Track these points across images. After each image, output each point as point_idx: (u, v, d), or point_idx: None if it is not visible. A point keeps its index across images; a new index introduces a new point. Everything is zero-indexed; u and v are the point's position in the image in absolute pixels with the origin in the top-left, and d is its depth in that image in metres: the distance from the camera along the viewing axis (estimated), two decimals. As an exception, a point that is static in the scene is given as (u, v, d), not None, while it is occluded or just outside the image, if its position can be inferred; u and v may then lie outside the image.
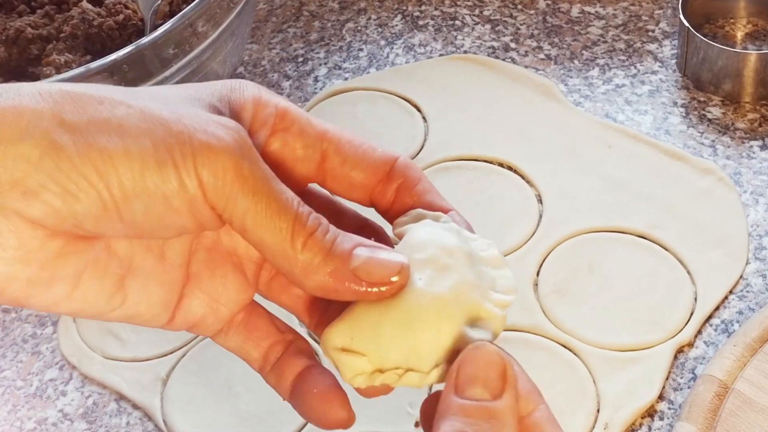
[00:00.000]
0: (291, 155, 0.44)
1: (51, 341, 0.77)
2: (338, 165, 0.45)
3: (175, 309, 0.44)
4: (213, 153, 0.37)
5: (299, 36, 1.02)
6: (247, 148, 0.39)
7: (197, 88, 0.42)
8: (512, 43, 0.97)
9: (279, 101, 0.44)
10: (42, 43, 0.86)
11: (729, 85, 0.87)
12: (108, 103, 0.37)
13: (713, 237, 0.77)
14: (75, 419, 0.72)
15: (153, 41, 0.74)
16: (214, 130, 0.38)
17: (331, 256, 0.40)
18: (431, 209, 0.45)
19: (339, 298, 0.41)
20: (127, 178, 0.37)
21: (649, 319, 0.72)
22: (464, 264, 0.42)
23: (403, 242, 0.43)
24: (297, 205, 0.40)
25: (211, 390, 0.72)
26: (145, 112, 0.38)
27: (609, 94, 0.90)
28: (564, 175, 0.83)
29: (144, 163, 0.37)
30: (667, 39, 0.95)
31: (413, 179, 0.46)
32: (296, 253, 0.39)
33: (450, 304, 0.40)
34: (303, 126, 0.44)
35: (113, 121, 0.37)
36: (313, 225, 0.40)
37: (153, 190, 0.37)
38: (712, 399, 0.65)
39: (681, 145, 0.84)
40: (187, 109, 0.39)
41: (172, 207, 0.38)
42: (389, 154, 0.46)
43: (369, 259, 0.40)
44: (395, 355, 0.41)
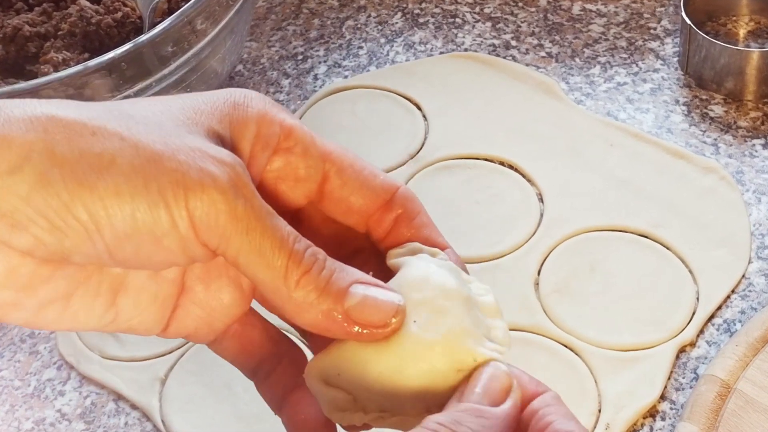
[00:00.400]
0: (292, 175, 0.43)
1: (49, 341, 0.77)
2: (338, 188, 0.44)
3: (168, 320, 0.43)
4: (206, 192, 0.37)
5: (299, 34, 1.02)
6: (242, 185, 0.38)
7: (197, 106, 0.41)
8: (513, 40, 0.97)
9: (285, 119, 0.43)
10: (40, 41, 0.86)
11: (731, 84, 0.87)
12: (101, 134, 0.36)
13: (715, 236, 0.76)
14: (73, 419, 0.72)
15: (151, 39, 0.74)
16: (209, 167, 0.37)
17: (325, 295, 0.39)
18: (428, 244, 0.45)
19: (331, 336, 0.41)
20: (117, 219, 0.36)
21: (651, 319, 0.72)
22: (461, 309, 0.41)
23: (399, 277, 0.42)
24: (292, 242, 0.39)
25: (210, 390, 0.72)
26: (139, 147, 0.37)
27: (610, 92, 0.90)
28: (565, 174, 0.83)
29: (135, 204, 0.36)
30: (668, 37, 0.95)
31: (413, 211, 0.45)
32: (289, 290, 0.39)
33: (443, 353, 0.40)
34: (307, 146, 0.43)
35: (105, 156, 0.36)
36: (308, 262, 0.39)
37: (143, 231, 0.37)
38: (714, 399, 0.65)
39: (683, 144, 0.84)
40: (183, 140, 0.38)
41: (162, 246, 0.37)
42: (391, 182, 0.45)
43: (364, 299, 0.40)
44: (381, 399, 0.40)
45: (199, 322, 0.44)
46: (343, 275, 0.40)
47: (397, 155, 0.86)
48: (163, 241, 0.37)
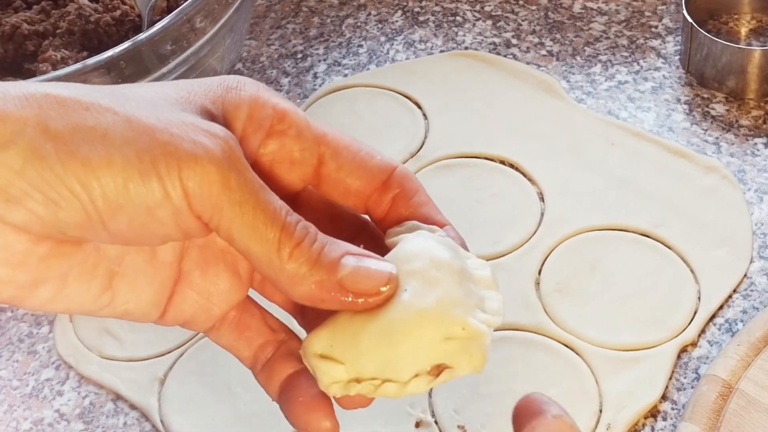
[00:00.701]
0: (287, 158, 0.44)
1: (47, 341, 0.77)
2: (334, 170, 0.44)
3: (165, 306, 0.44)
4: (199, 164, 0.37)
5: (298, 32, 1.02)
6: (235, 158, 0.38)
7: (191, 88, 0.41)
8: (514, 39, 0.97)
9: (278, 102, 0.43)
10: (38, 40, 0.86)
11: (733, 82, 0.87)
12: (94, 109, 0.37)
13: (717, 235, 0.76)
14: (71, 419, 0.72)
15: (150, 37, 0.74)
16: (202, 139, 0.38)
17: (318, 266, 0.40)
18: (427, 222, 0.45)
19: (325, 307, 0.41)
20: (109, 189, 0.36)
21: (652, 319, 0.72)
22: (453, 279, 0.41)
23: (394, 252, 0.43)
24: (285, 215, 0.39)
25: (210, 390, 0.72)
26: (132, 120, 0.37)
27: (611, 90, 0.90)
28: (566, 173, 0.83)
29: (127, 175, 0.36)
30: (670, 35, 0.95)
31: (410, 190, 0.45)
32: (282, 262, 0.39)
33: (432, 319, 0.40)
34: (301, 129, 0.44)
35: (98, 129, 0.36)
36: (300, 234, 0.40)
37: (136, 202, 0.37)
38: (715, 399, 0.65)
39: (684, 143, 0.84)
40: (176, 115, 0.39)
41: (156, 218, 0.38)
42: (387, 162, 0.45)
43: (356, 269, 0.40)
44: (372, 366, 0.40)
45: (196, 308, 0.44)
46: (335, 247, 0.40)
47: (397, 154, 0.86)
48: (157, 212, 0.38)
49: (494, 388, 0.68)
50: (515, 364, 0.70)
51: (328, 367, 0.41)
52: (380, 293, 0.40)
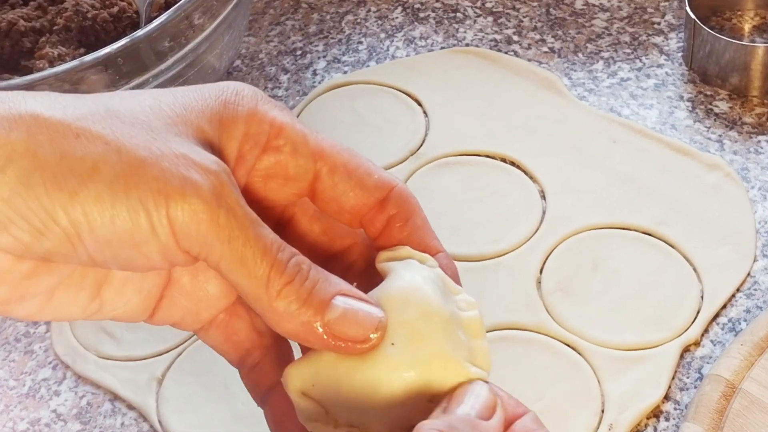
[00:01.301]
0: (282, 173, 0.43)
1: (44, 340, 0.77)
2: (329, 188, 0.44)
3: (154, 309, 0.44)
4: (187, 201, 0.37)
5: (297, 29, 1.02)
6: (226, 194, 0.38)
7: (188, 104, 0.41)
8: (515, 35, 0.97)
9: (276, 117, 0.43)
10: (35, 36, 0.86)
11: (736, 79, 0.87)
12: (84, 137, 0.36)
13: (720, 234, 0.76)
14: (68, 420, 0.72)
15: (148, 34, 0.74)
16: (192, 175, 0.37)
17: (307, 306, 0.39)
18: (421, 247, 0.45)
19: (310, 346, 0.41)
20: (96, 224, 0.36)
21: (655, 318, 0.72)
22: (441, 333, 0.41)
23: (384, 288, 0.42)
24: (276, 251, 0.39)
25: (208, 390, 0.72)
26: (122, 153, 0.37)
27: (614, 87, 0.90)
28: (568, 171, 0.83)
29: (114, 211, 0.36)
30: (673, 32, 0.95)
31: (407, 212, 0.45)
32: (270, 300, 0.39)
33: (416, 380, 0.40)
34: (297, 145, 0.43)
35: (87, 161, 0.36)
36: (291, 272, 0.39)
37: (123, 237, 0.37)
38: (718, 399, 0.65)
39: (687, 140, 0.84)
40: (170, 144, 0.38)
41: (142, 252, 0.38)
42: (385, 180, 0.45)
43: (345, 313, 0.40)
44: (351, 415, 0.40)
45: (185, 312, 0.44)
46: (326, 286, 0.40)
47: (398, 152, 0.86)
48: (143, 248, 0.37)
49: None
50: (516, 364, 0.70)
51: (307, 405, 0.41)
52: (368, 340, 0.40)
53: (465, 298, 0.43)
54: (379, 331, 0.40)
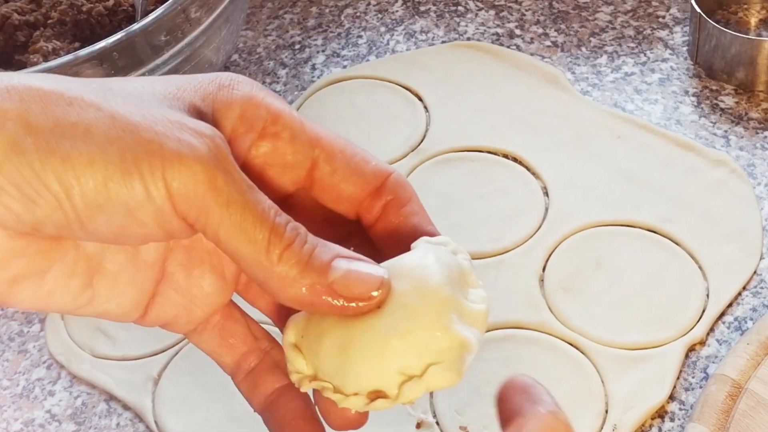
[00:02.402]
0: (280, 161, 0.43)
1: (38, 339, 0.77)
2: (327, 175, 0.44)
3: (147, 306, 0.43)
4: (184, 163, 0.37)
5: (296, 22, 1.02)
6: (222, 157, 0.38)
7: (181, 84, 0.41)
8: (517, 29, 0.97)
9: (272, 103, 0.43)
10: (29, 30, 0.86)
11: (742, 74, 0.87)
12: (77, 104, 0.36)
13: (726, 231, 0.76)
14: (63, 420, 0.72)
15: (144, 28, 0.74)
16: (187, 137, 0.37)
17: (309, 269, 0.39)
18: (416, 232, 0.45)
19: (316, 311, 0.41)
20: (89, 188, 0.36)
21: (660, 317, 0.72)
22: (431, 309, 0.41)
23: (396, 259, 0.42)
24: (274, 215, 0.39)
25: (205, 390, 0.72)
26: (116, 117, 0.37)
27: (618, 82, 0.90)
28: (571, 167, 0.83)
29: (108, 173, 0.36)
30: (678, 25, 0.95)
31: (403, 198, 0.45)
32: (272, 265, 0.39)
33: (392, 351, 0.40)
34: (295, 132, 0.43)
35: (80, 126, 0.36)
36: (290, 236, 0.39)
37: (116, 202, 0.36)
38: (724, 399, 0.65)
39: (692, 136, 0.84)
40: (163, 112, 0.38)
41: (136, 219, 0.37)
42: (382, 168, 0.45)
43: (348, 273, 0.40)
44: (327, 370, 0.41)
45: (178, 310, 0.44)
46: (326, 249, 0.40)
47: (398, 147, 0.86)
48: (137, 213, 0.37)
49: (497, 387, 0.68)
50: (519, 363, 0.70)
51: (294, 358, 0.42)
52: (372, 298, 0.40)
53: (479, 293, 0.44)
54: (384, 287, 0.40)
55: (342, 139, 0.45)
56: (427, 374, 0.40)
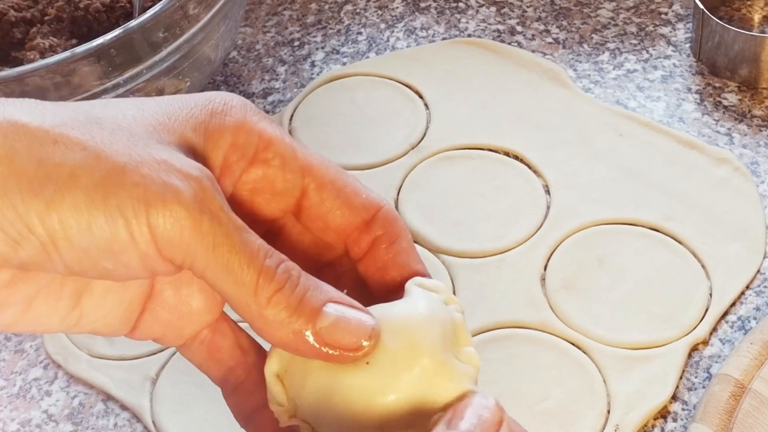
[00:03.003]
0: (269, 188, 0.43)
1: (35, 339, 0.77)
2: (316, 204, 0.44)
3: (135, 323, 0.44)
4: (168, 208, 0.36)
5: (295, 19, 1.02)
6: (209, 200, 0.38)
7: (172, 112, 0.40)
8: (518, 26, 0.97)
9: (264, 129, 0.42)
10: (25, 27, 0.86)
11: (746, 71, 0.86)
12: (62, 143, 0.36)
13: (729, 229, 0.76)
14: (60, 420, 0.72)
15: (142, 24, 0.74)
16: (173, 180, 0.37)
17: (298, 314, 0.39)
18: (405, 270, 0.44)
19: (301, 356, 0.40)
20: (72, 233, 0.36)
21: (662, 316, 0.71)
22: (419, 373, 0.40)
23: (389, 307, 0.42)
24: (263, 257, 0.39)
25: (203, 390, 0.72)
26: (101, 157, 0.36)
27: (620, 79, 0.90)
28: (573, 165, 0.82)
29: (91, 218, 0.36)
30: (680, 22, 0.95)
31: (392, 235, 0.45)
32: (260, 308, 0.39)
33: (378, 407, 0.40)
34: (286, 159, 0.43)
35: (65, 168, 0.36)
36: (281, 279, 0.39)
37: (101, 246, 0.36)
38: (727, 399, 0.65)
39: (695, 133, 0.84)
40: (150, 150, 0.38)
41: (121, 262, 0.37)
42: (373, 200, 0.45)
43: (337, 321, 0.39)
44: (308, 411, 0.41)
45: (167, 327, 0.44)
46: (317, 293, 0.40)
47: (398, 145, 0.86)
48: (122, 257, 0.37)
49: (498, 388, 0.68)
50: (520, 363, 0.70)
51: (275, 389, 0.42)
52: (360, 348, 0.40)
53: (469, 351, 0.43)
54: (373, 338, 0.40)
55: (334, 167, 0.44)
56: None
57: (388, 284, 0.45)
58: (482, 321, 0.72)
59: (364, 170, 0.84)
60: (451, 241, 0.78)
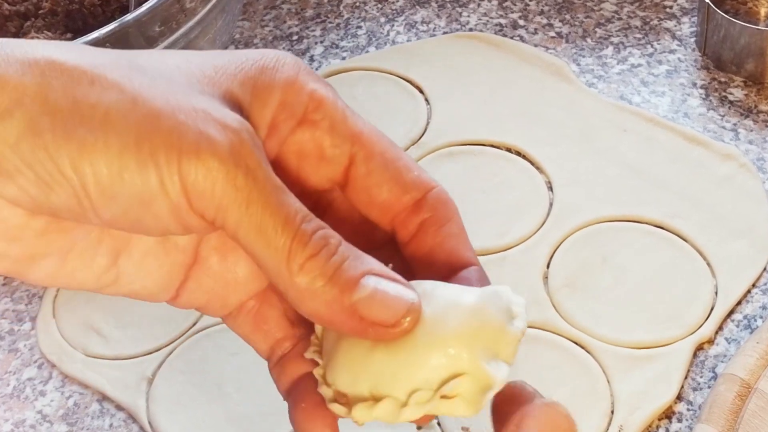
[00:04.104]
0: (316, 152, 0.42)
1: (29, 338, 0.77)
2: (363, 175, 0.42)
3: (178, 290, 0.43)
4: (201, 158, 0.35)
5: (294, 12, 1.02)
6: (246, 153, 0.37)
7: (220, 66, 0.39)
8: (521, 20, 0.97)
9: (316, 88, 0.41)
10: (20, 21, 0.86)
11: (752, 65, 0.86)
12: (99, 83, 0.36)
13: (735, 227, 0.76)
14: (55, 421, 0.72)
15: (138, 18, 0.74)
16: (210, 130, 0.36)
17: (332, 283, 0.37)
18: (453, 257, 0.43)
19: (336, 330, 0.39)
20: (103, 176, 0.35)
21: (667, 315, 0.71)
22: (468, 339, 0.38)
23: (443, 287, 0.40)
24: (300, 221, 0.37)
25: (200, 390, 0.72)
26: (137, 101, 0.36)
27: (624, 74, 0.90)
28: (576, 161, 0.82)
29: (123, 163, 0.35)
30: (685, 16, 0.94)
31: (443, 217, 0.43)
32: (292, 275, 0.37)
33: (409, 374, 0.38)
34: (335, 122, 0.41)
35: (99, 108, 0.35)
36: (316, 245, 0.37)
37: (131, 192, 0.36)
38: (733, 399, 0.65)
39: (701, 129, 0.84)
40: (190, 98, 0.37)
41: (151, 211, 0.36)
42: (424, 179, 0.43)
43: (374, 293, 0.38)
44: (342, 378, 0.39)
45: (211, 295, 0.43)
46: (356, 264, 0.38)
47: (398, 141, 0.85)
48: (152, 206, 0.36)
49: (500, 387, 0.68)
50: (522, 362, 0.69)
51: (313, 357, 0.41)
52: (399, 324, 0.38)
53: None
54: (412, 315, 0.38)
55: (387, 140, 0.43)
56: (445, 399, 0.38)
57: (435, 270, 0.43)
58: (484, 320, 0.72)
59: (363, 166, 0.84)
60: (452, 238, 0.77)
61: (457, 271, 0.43)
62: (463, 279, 0.43)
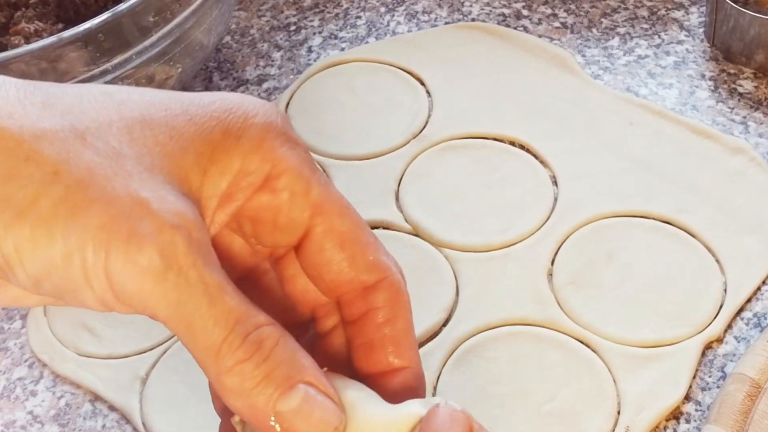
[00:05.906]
0: (272, 220, 0.42)
1: (19, 336, 0.77)
2: (315, 251, 0.42)
3: None
4: (129, 258, 0.35)
5: (291, 2, 1.01)
6: (180, 254, 0.36)
7: (178, 130, 0.38)
8: (525, 9, 0.96)
9: (282, 157, 0.40)
10: (9, 10, 0.85)
11: (762, 56, 0.86)
12: (34, 161, 0.35)
13: (745, 222, 0.76)
14: (46, 422, 0.72)
15: (131, 8, 0.73)
16: (144, 228, 0.35)
17: (259, 389, 0.37)
18: (393, 354, 0.43)
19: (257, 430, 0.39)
20: (28, 263, 0.35)
21: (674, 313, 0.71)
22: None
23: (361, 402, 0.41)
24: (233, 323, 0.37)
25: (195, 389, 0.71)
26: (71, 187, 0.35)
27: (630, 65, 0.90)
28: (581, 155, 0.82)
29: (49, 253, 0.35)
30: (694, 6, 0.94)
31: (392, 312, 0.43)
32: (219, 374, 0.37)
33: None
34: (296, 193, 0.41)
35: (29, 191, 0.35)
36: (247, 349, 0.37)
37: (56, 281, 0.36)
38: (743, 399, 0.65)
39: (709, 122, 0.84)
40: (132, 183, 0.36)
41: (77, 298, 0.37)
42: (381, 266, 0.43)
43: (301, 407, 0.38)
44: None
45: None
46: (289, 370, 0.38)
47: (399, 134, 0.86)
48: (77, 295, 0.36)
49: (503, 388, 0.68)
50: (526, 361, 0.70)
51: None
52: None
53: None
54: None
55: (353, 219, 0.43)
56: None
57: (372, 363, 0.43)
58: (486, 318, 0.72)
59: (363, 160, 0.84)
60: (454, 234, 0.77)
61: (393, 372, 0.43)
62: (396, 384, 0.43)
